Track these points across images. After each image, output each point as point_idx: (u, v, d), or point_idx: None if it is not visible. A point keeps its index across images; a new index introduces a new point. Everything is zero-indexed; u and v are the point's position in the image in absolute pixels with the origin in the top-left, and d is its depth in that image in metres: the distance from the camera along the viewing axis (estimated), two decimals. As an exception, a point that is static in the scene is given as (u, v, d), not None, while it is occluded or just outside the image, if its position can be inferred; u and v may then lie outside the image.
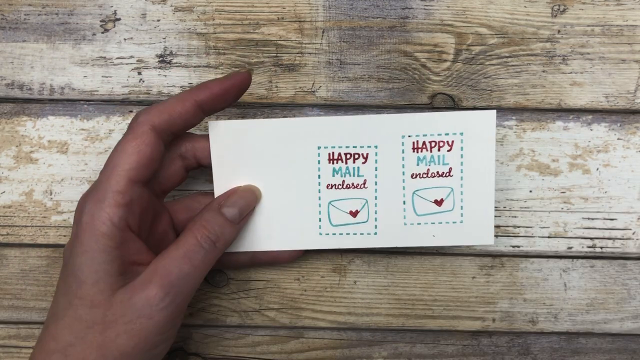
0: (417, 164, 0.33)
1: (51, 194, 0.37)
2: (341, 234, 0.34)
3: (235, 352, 0.39)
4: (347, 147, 0.33)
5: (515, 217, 0.37)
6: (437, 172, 0.33)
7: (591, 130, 0.37)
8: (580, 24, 0.36)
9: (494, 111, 0.32)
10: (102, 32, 0.37)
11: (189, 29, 0.37)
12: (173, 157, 0.33)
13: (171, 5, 0.37)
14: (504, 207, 0.37)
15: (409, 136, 0.33)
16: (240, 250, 0.35)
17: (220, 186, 0.34)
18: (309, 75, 0.37)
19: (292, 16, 0.37)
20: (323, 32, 0.37)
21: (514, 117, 0.37)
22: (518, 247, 0.37)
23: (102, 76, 0.37)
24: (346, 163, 0.34)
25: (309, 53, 0.37)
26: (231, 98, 0.32)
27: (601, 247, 0.37)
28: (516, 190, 0.37)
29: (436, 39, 0.36)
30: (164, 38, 0.37)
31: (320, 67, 0.37)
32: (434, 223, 0.34)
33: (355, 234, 0.34)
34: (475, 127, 0.33)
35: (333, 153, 0.33)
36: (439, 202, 0.34)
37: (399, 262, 0.38)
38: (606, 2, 0.36)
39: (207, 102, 0.31)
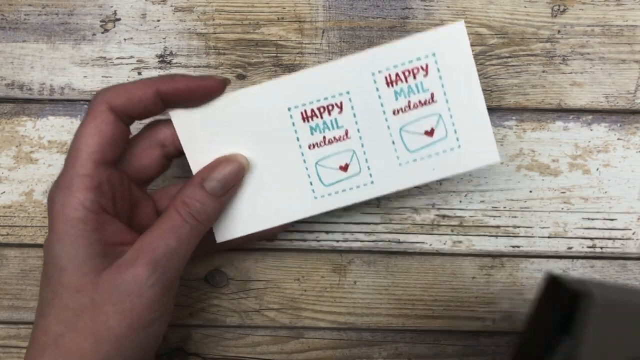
0: (396, 99, 0.31)
1: (51, 194, 0.37)
2: (337, 192, 0.32)
3: (235, 352, 0.39)
4: (318, 100, 0.31)
5: (515, 217, 0.37)
6: (420, 102, 0.31)
7: (591, 130, 0.37)
8: (580, 24, 0.36)
9: (462, 21, 0.30)
10: (102, 32, 0.37)
11: (189, 29, 0.37)
12: (152, 145, 0.32)
13: (171, 6, 0.37)
14: (504, 207, 0.37)
15: (379, 72, 0.31)
16: (236, 236, 0.33)
17: (197, 168, 0.32)
18: (309, 75, 0.37)
19: (292, 16, 0.37)
20: (323, 32, 0.37)
21: (514, 117, 0.37)
22: (518, 247, 0.37)
23: (102, 76, 0.37)
24: (322, 118, 0.32)
25: (309, 53, 0.37)
26: (195, 99, 0.31)
27: (601, 247, 0.37)
28: (516, 190, 0.37)
29: (436, 39, 0.36)
30: (164, 38, 0.37)
31: (320, 67, 0.37)
32: (430, 156, 0.31)
33: (352, 188, 0.32)
34: (447, 43, 0.30)
35: (305, 111, 0.31)
36: (429, 133, 0.31)
37: (399, 262, 0.38)
38: (606, 2, 0.36)
39: (169, 95, 0.30)
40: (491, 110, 0.37)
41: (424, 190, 0.37)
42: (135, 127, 0.31)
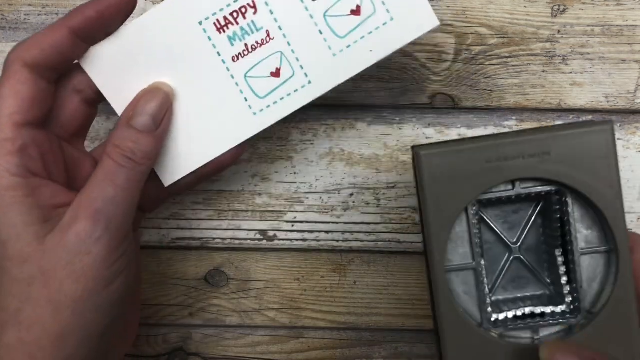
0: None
1: (51, 194, 0.37)
2: (275, 102, 0.30)
3: (235, 352, 0.39)
4: (227, 5, 0.28)
5: (515, 217, 0.37)
6: (257, 42, 0.29)
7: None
8: (580, 24, 0.36)
9: None
10: (102, 32, 0.37)
11: (189, 29, 0.37)
12: (67, 93, 0.29)
13: (171, 5, 0.37)
14: (504, 207, 0.37)
15: None
16: (182, 174, 0.31)
17: (122, 109, 0.29)
18: (309, 75, 0.37)
19: (292, 16, 0.37)
20: (323, 32, 0.37)
21: (514, 117, 0.37)
22: (518, 247, 0.37)
23: (102, 76, 0.37)
24: (237, 24, 0.29)
25: (309, 53, 0.37)
26: (112, 22, 0.28)
27: (601, 247, 0.37)
28: (516, 190, 0.37)
29: (436, 39, 0.36)
30: (164, 38, 0.37)
31: (320, 67, 0.37)
32: (363, 37, 0.29)
33: (290, 94, 0.30)
34: None
35: (218, 20, 0.29)
36: (356, 11, 0.29)
37: (399, 262, 0.38)
38: (606, 2, 0.36)
39: (83, 29, 0.27)
40: (491, 110, 0.37)
41: (424, 190, 0.37)
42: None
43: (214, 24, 0.29)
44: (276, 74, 0.29)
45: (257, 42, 0.29)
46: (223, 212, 0.38)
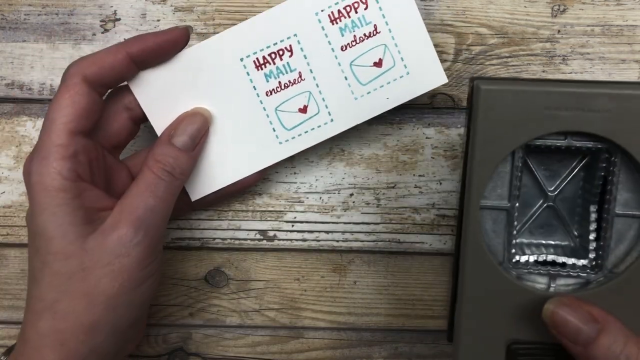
0: (342, 35, 0.32)
1: (51, 194, 0.37)
2: (300, 135, 0.34)
3: (235, 352, 0.39)
4: (267, 47, 0.32)
5: (515, 217, 0.37)
6: (365, 35, 0.32)
7: None
8: (580, 24, 0.36)
9: None
10: (102, 32, 0.37)
11: (189, 29, 0.37)
12: (118, 109, 0.32)
13: (171, 5, 0.37)
14: (504, 207, 0.37)
15: (322, 10, 0.32)
16: (209, 191, 0.34)
17: (161, 129, 0.33)
18: (309, 75, 0.37)
19: (292, 16, 0.37)
20: (323, 32, 0.37)
21: (514, 117, 0.37)
22: (518, 247, 0.37)
23: (102, 76, 0.37)
24: (274, 63, 0.33)
25: (309, 53, 0.37)
26: (165, 53, 0.32)
27: (601, 247, 0.37)
28: (516, 190, 0.37)
29: (436, 39, 0.36)
30: (164, 38, 0.37)
31: (320, 67, 0.37)
32: (382, 86, 0.33)
33: (313, 129, 0.33)
34: None
35: (257, 59, 0.33)
36: (378, 64, 0.33)
37: (399, 262, 0.38)
38: (606, 2, 0.36)
39: (140, 55, 0.31)
40: None
41: (424, 190, 0.37)
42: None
43: (254, 61, 0.33)
44: (303, 110, 0.33)
45: (289, 81, 0.33)
46: (223, 212, 0.38)
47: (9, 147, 0.37)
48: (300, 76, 0.33)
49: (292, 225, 0.38)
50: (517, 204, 0.28)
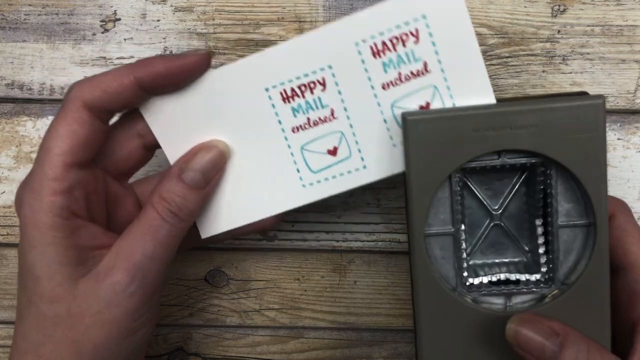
0: (385, 71, 0.28)
1: (51, 194, 0.37)
2: (327, 179, 0.29)
3: (235, 352, 0.39)
4: (297, 78, 0.28)
5: (515, 217, 0.37)
6: (412, 73, 0.28)
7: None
8: (580, 24, 0.36)
9: None
10: (102, 32, 0.37)
11: (189, 29, 0.37)
12: (129, 136, 0.29)
13: (171, 5, 0.37)
14: (504, 207, 0.37)
15: (364, 41, 0.28)
16: (221, 230, 0.31)
17: (174, 159, 0.29)
18: (309, 75, 0.37)
19: (292, 16, 0.37)
20: (323, 32, 0.37)
21: (514, 117, 0.37)
22: (518, 247, 0.37)
23: (102, 76, 0.37)
24: (304, 97, 0.28)
25: (309, 53, 0.37)
26: (179, 80, 0.28)
27: (601, 247, 0.37)
28: (516, 190, 0.37)
29: (436, 39, 0.36)
30: (164, 38, 0.37)
31: (320, 67, 0.37)
32: None
33: (343, 174, 0.29)
34: (439, 3, 0.27)
35: (285, 91, 0.28)
36: (425, 107, 0.28)
37: (399, 262, 0.38)
38: (606, 2, 0.36)
39: (149, 82, 0.27)
40: None
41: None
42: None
43: (281, 93, 0.29)
44: (333, 152, 0.29)
45: (319, 119, 0.29)
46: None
47: (9, 147, 0.37)
48: (333, 114, 0.29)
49: (292, 225, 0.38)
50: (462, 227, 0.28)
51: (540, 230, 0.28)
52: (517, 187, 0.29)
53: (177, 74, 0.28)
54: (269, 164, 0.30)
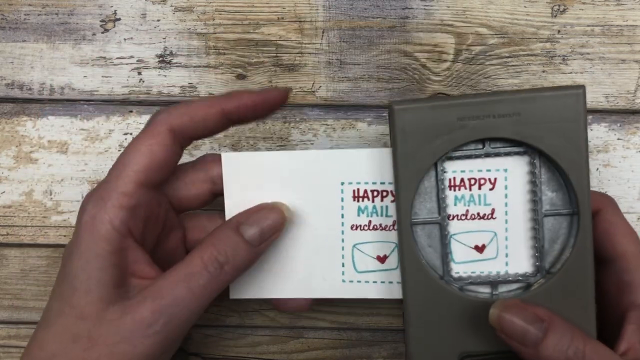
0: (455, 204, 0.29)
1: (51, 194, 0.37)
2: (367, 282, 0.30)
3: (235, 352, 0.39)
4: (373, 183, 0.30)
5: (515, 217, 0.37)
6: (478, 214, 0.29)
7: (591, 130, 0.37)
8: (580, 24, 0.36)
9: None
10: (102, 32, 0.37)
11: (189, 29, 0.37)
12: (204, 179, 0.31)
13: (171, 5, 0.37)
14: (504, 207, 0.37)
15: (444, 172, 0.29)
16: (249, 296, 0.31)
17: (231, 214, 0.30)
18: (309, 75, 0.37)
19: (292, 16, 0.37)
20: (323, 32, 0.37)
21: (514, 117, 0.37)
22: (518, 247, 0.37)
23: (102, 76, 0.37)
24: (373, 201, 0.30)
25: (309, 53, 0.37)
26: (262, 113, 0.30)
27: (601, 247, 0.37)
28: (516, 190, 0.37)
29: (436, 39, 0.36)
30: (164, 38, 0.37)
31: (320, 67, 0.37)
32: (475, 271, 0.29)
33: (384, 282, 0.30)
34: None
35: (358, 190, 0.30)
36: (480, 248, 0.29)
37: (399, 262, 0.38)
38: (606, 2, 0.36)
39: (235, 112, 0.29)
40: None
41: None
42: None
43: (353, 191, 0.30)
44: (382, 259, 0.30)
45: (380, 225, 0.30)
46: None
47: (9, 147, 0.37)
48: (394, 225, 0.30)
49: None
50: (448, 216, 0.29)
51: (525, 219, 0.29)
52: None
53: (260, 107, 0.29)
54: (318, 249, 0.30)
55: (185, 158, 0.36)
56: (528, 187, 0.28)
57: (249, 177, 0.30)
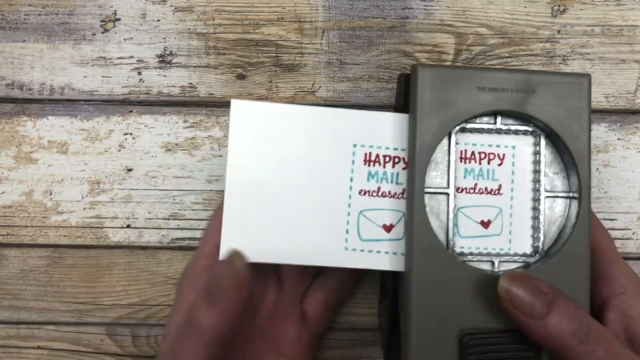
0: (465, 177, 0.29)
1: (51, 194, 0.37)
2: (370, 251, 0.29)
3: (235, 352, 0.39)
4: (387, 148, 0.29)
5: (515, 217, 0.37)
6: (486, 189, 0.29)
7: (591, 130, 0.37)
8: (580, 24, 0.36)
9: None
10: (102, 32, 0.37)
11: (189, 29, 0.37)
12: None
13: (171, 5, 0.37)
14: (504, 207, 0.37)
15: (457, 143, 0.29)
16: (257, 260, 0.29)
17: (233, 175, 0.29)
18: (309, 75, 0.37)
19: (292, 16, 0.37)
20: (323, 32, 0.37)
21: (514, 117, 0.37)
22: (518, 247, 0.37)
23: (102, 76, 0.37)
24: (384, 167, 0.29)
25: (309, 53, 0.37)
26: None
27: (601, 247, 0.37)
28: (516, 190, 0.37)
29: (436, 39, 0.36)
30: (164, 38, 0.37)
31: (320, 67, 0.37)
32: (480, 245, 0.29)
33: (388, 252, 0.29)
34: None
35: (370, 154, 0.29)
36: (485, 224, 0.29)
37: (399, 262, 0.38)
38: (606, 2, 0.36)
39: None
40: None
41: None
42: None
43: (365, 154, 0.29)
44: (388, 228, 0.29)
45: (389, 192, 0.29)
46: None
47: (9, 147, 0.37)
48: (403, 193, 0.29)
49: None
50: (457, 188, 0.29)
51: (528, 199, 0.29)
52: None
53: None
54: (322, 213, 0.29)
55: (184, 157, 0.36)
56: (532, 167, 0.29)
57: (258, 128, 0.29)
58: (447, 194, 0.29)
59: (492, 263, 0.29)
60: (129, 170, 0.37)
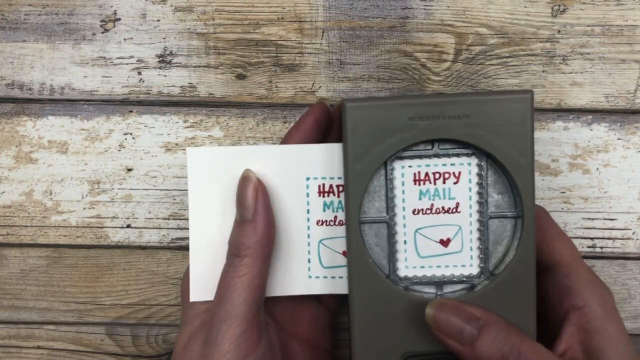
0: (420, 199, 0.29)
1: (51, 194, 0.37)
2: (333, 277, 0.31)
3: (235, 352, 0.39)
4: (339, 178, 0.30)
5: (515, 217, 0.37)
6: (443, 208, 0.29)
7: (591, 130, 0.37)
8: (580, 24, 0.36)
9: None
10: (102, 32, 0.37)
11: (189, 29, 0.37)
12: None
13: (171, 5, 0.37)
14: (504, 207, 0.37)
15: (410, 167, 0.29)
16: (207, 299, 0.30)
17: (195, 215, 0.30)
18: (309, 75, 0.37)
19: (292, 16, 0.37)
20: (323, 32, 0.37)
21: (514, 117, 0.37)
22: (518, 247, 0.37)
23: (102, 76, 0.37)
24: (339, 196, 0.30)
25: (309, 53, 0.37)
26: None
27: (601, 247, 0.37)
28: (516, 190, 0.37)
29: (436, 39, 0.36)
30: (164, 38, 0.37)
31: (320, 67, 0.37)
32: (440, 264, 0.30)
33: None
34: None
35: (323, 185, 0.30)
36: (445, 242, 0.29)
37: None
38: (606, 2, 0.36)
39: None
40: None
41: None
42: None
43: (319, 186, 0.30)
44: (344, 254, 0.30)
45: (343, 221, 0.30)
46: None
47: (9, 147, 0.37)
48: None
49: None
50: (413, 210, 0.29)
51: (472, 221, 0.29)
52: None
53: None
54: (284, 245, 0.31)
55: (184, 157, 0.36)
56: (476, 188, 0.29)
57: (214, 172, 0.30)
58: (387, 222, 0.29)
59: (437, 285, 0.29)
60: (129, 170, 0.37)
